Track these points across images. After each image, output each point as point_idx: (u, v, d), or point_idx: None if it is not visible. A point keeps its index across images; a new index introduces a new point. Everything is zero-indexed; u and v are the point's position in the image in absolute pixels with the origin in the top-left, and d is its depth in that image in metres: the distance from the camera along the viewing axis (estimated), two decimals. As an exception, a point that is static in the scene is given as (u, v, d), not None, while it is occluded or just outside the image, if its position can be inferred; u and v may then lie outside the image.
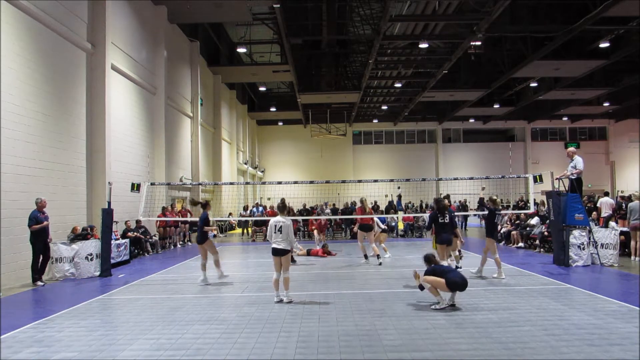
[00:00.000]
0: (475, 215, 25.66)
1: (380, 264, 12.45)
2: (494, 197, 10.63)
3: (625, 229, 13.35)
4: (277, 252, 8.25)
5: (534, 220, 16.08)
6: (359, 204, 13.53)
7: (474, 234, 23.07)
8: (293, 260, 12.23)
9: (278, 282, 8.28)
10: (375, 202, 24.51)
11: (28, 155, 11.06)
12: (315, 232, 17.13)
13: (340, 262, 13.50)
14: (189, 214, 19.30)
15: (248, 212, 25.25)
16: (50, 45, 12.02)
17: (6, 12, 10.35)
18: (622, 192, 38.78)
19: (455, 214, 12.11)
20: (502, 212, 17.42)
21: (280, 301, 8.11)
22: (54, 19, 12.02)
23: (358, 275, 11.24)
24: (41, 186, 11.43)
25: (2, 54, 10.21)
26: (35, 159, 11.30)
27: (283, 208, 8.83)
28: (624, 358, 5.17)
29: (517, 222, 17.54)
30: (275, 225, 8.25)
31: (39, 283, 10.59)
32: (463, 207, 26.70)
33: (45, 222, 10.64)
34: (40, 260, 10.81)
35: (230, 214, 25.97)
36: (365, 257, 13.06)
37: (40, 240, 10.65)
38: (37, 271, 10.71)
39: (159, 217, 16.90)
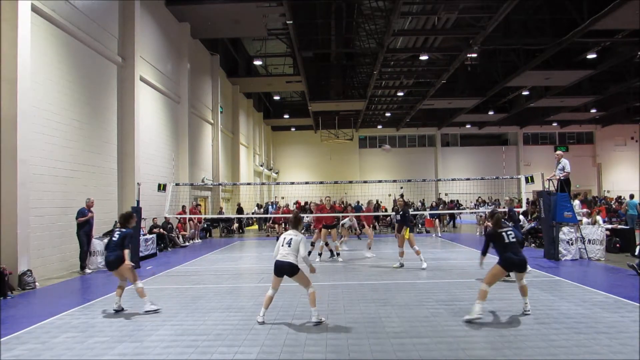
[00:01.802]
0: (471, 213, 25.50)
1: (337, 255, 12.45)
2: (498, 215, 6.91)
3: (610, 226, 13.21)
4: (281, 268, 6.21)
5: (521, 220, 15.91)
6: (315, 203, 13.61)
7: (465, 230, 22.90)
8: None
9: (270, 299, 6.37)
10: (377, 201, 24.50)
11: (65, 158, 11.18)
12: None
13: (346, 255, 13.48)
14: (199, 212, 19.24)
15: (262, 210, 25.27)
16: (85, 59, 12.15)
17: (45, 29, 10.49)
18: (608, 191, 38.49)
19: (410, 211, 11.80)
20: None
21: (263, 323, 6.20)
22: (88, 35, 12.15)
23: (363, 268, 11.21)
24: (77, 187, 11.56)
25: (42, 67, 10.35)
26: (71, 162, 11.43)
27: (297, 223, 6.60)
28: (610, 345, 5.11)
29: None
30: (285, 238, 6.37)
31: (87, 271, 11.08)
32: (457, 205, 26.54)
33: (89, 214, 11.04)
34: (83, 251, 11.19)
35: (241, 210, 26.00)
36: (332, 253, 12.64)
37: (84, 233, 11.00)
38: (83, 260, 11.13)
39: (179, 214, 16.80)
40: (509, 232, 6.44)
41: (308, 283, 6.28)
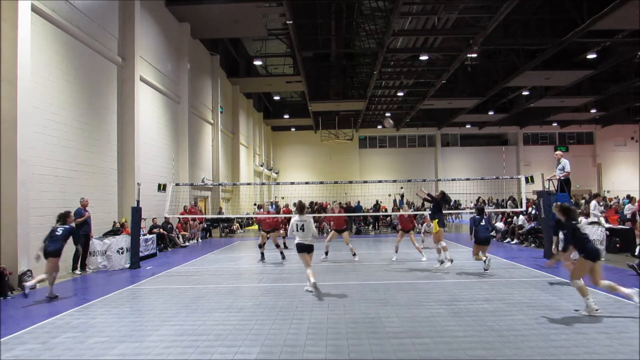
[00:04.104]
0: (472, 213, 25.49)
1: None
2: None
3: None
4: (303, 248, 8.09)
5: (521, 220, 15.94)
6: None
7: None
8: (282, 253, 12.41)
9: (311, 272, 8.03)
10: (377, 202, 24.49)
11: (65, 158, 11.18)
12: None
13: (347, 255, 13.48)
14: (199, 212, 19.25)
15: (262, 210, 25.20)
16: (85, 59, 12.15)
17: (45, 29, 10.49)
18: (608, 192, 38.49)
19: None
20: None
21: (312, 289, 7.83)
22: (88, 35, 12.15)
23: (363, 267, 11.21)
24: (77, 187, 11.55)
25: (42, 67, 10.36)
26: (71, 162, 11.43)
27: (302, 208, 8.32)
28: (610, 345, 5.10)
29: (509, 219, 17.37)
30: (297, 225, 8.04)
31: (77, 272, 10.95)
32: (456, 205, 26.54)
33: (86, 214, 11.02)
34: (81, 252, 11.13)
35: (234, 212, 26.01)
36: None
37: (83, 233, 10.97)
38: (77, 261, 11.06)
39: (181, 214, 16.89)
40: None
41: (310, 264, 8.10)
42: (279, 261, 12.20)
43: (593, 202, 13.69)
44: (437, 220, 10.40)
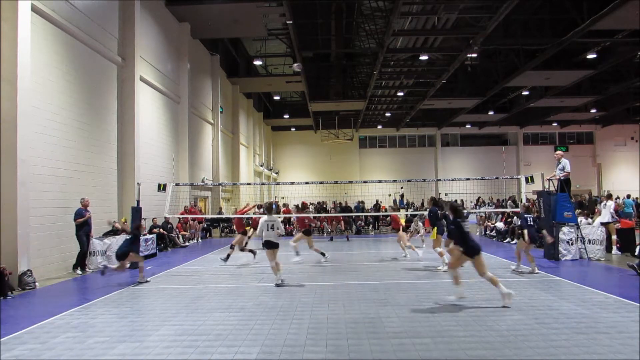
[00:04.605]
0: (471, 213, 25.51)
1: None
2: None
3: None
4: (271, 245, 8.91)
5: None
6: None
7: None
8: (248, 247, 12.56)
9: (277, 266, 8.91)
10: (377, 201, 24.49)
11: (65, 158, 11.18)
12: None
13: (347, 255, 13.49)
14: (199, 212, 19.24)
15: (262, 210, 25.20)
16: (85, 59, 12.15)
17: (45, 29, 10.49)
18: (608, 191, 38.45)
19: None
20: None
21: (281, 284, 8.75)
22: (88, 35, 12.15)
23: (363, 267, 11.22)
24: (77, 187, 11.55)
25: (42, 67, 10.36)
26: (71, 162, 11.43)
27: (271, 209, 9.41)
28: (610, 345, 5.11)
29: (509, 219, 17.37)
30: (268, 224, 8.95)
31: (78, 272, 10.92)
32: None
33: (87, 214, 10.96)
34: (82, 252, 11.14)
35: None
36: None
37: (84, 233, 10.95)
38: (81, 261, 11.07)
39: (181, 214, 16.89)
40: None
41: (276, 259, 8.88)
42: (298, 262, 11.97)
43: (610, 203, 13.47)
44: (436, 227, 10.51)
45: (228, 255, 12.21)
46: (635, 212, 19.70)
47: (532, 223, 9.71)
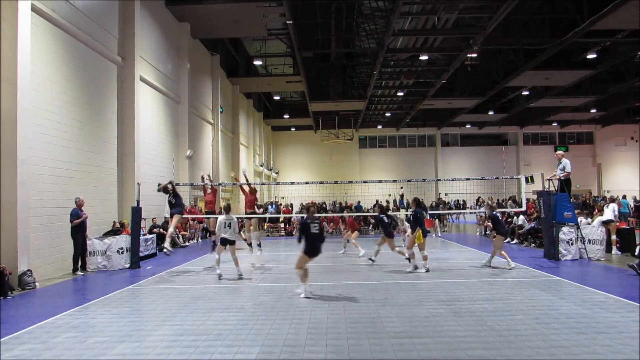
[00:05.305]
0: (471, 213, 25.53)
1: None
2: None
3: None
4: (226, 242, 9.79)
5: (521, 220, 15.94)
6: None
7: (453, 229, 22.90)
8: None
9: (219, 261, 9.92)
10: (377, 201, 24.40)
11: (65, 158, 11.18)
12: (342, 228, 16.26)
13: (347, 255, 13.49)
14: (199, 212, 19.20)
15: (261, 210, 25.22)
16: (85, 59, 12.14)
17: (45, 29, 10.49)
18: (608, 191, 38.50)
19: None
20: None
21: (221, 277, 9.66)
22: (88, 35, 12.14)
23: (363, 267, 11.22)
24: (77, 186, 11.54)
25: (42, 67, 10.36)
26: (71, 162, 11.42)
27: (229, 209, 10.11)
28: (610, 345, 5.11)
29: (509, 219, 17.37)
30: (225, 222, 9.77)
31: (79, 273, 10.85)
32: (461, 205, 26.58)
33: (83, 215, 10.86)
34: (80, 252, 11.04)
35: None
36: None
37: (80, 234, 10.87)
38: (77, 262, 10.95)
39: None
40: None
41: (234, 252, 9.89)
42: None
43: (613, 205, 13.76)
44: (421, 230, 10.26)
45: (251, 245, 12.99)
46: (632, 212, 19.72)
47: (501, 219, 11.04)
